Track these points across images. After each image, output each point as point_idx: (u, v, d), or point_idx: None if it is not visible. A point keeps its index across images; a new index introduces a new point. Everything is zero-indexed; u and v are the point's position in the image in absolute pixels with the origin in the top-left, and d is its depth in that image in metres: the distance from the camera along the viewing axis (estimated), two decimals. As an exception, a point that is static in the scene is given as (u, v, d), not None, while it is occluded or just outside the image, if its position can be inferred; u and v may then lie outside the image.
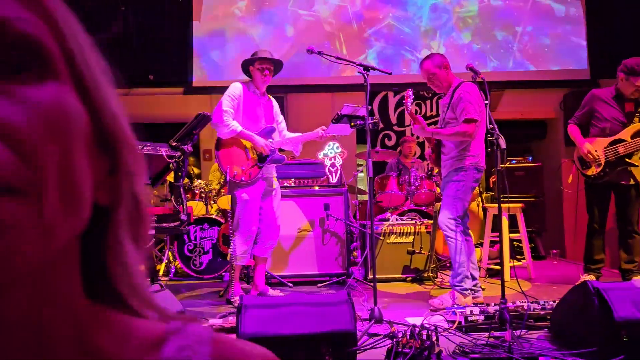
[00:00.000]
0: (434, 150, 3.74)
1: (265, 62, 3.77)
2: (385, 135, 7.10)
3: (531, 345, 2.52)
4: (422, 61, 3.69)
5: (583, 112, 4.11)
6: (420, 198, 5.39)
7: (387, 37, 7.05)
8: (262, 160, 3.77)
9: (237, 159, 3.73)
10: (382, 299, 3.84)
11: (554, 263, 5.87)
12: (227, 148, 3.73)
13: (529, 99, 7.21)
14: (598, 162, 3.91)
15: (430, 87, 3.73)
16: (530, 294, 3.83)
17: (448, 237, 3.48)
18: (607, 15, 7.14)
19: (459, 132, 3.44)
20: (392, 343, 2.32)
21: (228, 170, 3.66)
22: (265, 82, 3.82)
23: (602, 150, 3.92)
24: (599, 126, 4.01)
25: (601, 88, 4.18)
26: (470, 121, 3.40)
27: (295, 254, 4.56)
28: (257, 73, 3.78)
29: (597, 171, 3.93)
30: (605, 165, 3.91)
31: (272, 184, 3.93)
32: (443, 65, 3.59)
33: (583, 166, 4.04)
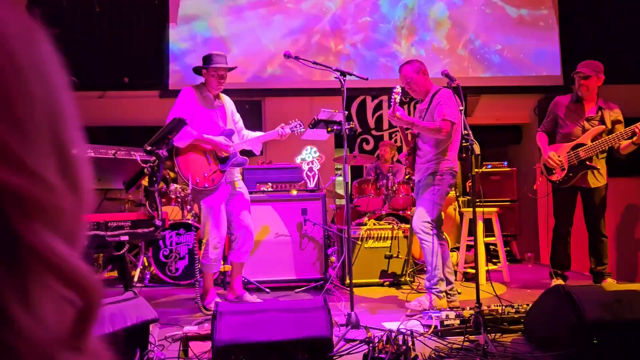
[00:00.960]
0: (410, 152, 3.75)
1: (221, 69, 3.68)
2: (363, 139, 7.13)
3: (505, 348, 2.56)
4: (401, 66, 3.72)
5: (548, 119, 4.27)
6: (397, 202, 5.41)
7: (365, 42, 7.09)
8: (223, 164, 3.69)
9: (198, 165, 3.62)
10: (360, 304, 3.85)
11: (529, 266, 5.96)
12: (186, 155, 3.61)
13: (504, 104, 7.32)
14: (562, 167, 4.01)
15: (408, 93, 3.76)
16: (505, 297, 3.89)
17: (422, 240, 3.51)
18: (579, 23, 7.32)
19: (436, 127, 3.48)
20: (368, 348, 2.32)
21: (190, 178, 3.54)
22: (219, 89, 3.75)
23: (565, 155, 4.03)
24: (562, 132, 4.14)
25: (563, 95, 4.28)
26: (446, 121, 3.46)
27: (273, 259, 4.53)
28: (212, 79, 3.68)
29: (561, 176, 4.04)
30: (569, 170, 4.02)
31: (236, 186, 3.85)
32: (421, 71, 3.64)
33: (548, 172, 4.14)
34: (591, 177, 4.01)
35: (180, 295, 4.47)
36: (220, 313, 2.10)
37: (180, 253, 5.00)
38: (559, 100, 4.21)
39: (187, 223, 5.04)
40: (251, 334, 2.06)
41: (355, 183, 5.60)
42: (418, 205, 3.62)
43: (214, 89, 3.73)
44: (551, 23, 7.27)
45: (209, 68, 3.67)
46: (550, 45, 7.26)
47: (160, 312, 3.69)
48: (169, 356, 2.44)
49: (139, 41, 7.13)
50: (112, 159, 2.84)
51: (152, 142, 3.04)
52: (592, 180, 4.02)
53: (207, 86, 3.75)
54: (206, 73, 3.71)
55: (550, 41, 7.26)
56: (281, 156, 5.41)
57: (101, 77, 7.07)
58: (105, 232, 2.74)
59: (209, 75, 3.69)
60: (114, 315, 2.25)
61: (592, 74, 3.97)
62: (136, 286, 4.96)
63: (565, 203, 4.13)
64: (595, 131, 3.96)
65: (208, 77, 3.70)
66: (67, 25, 7.09)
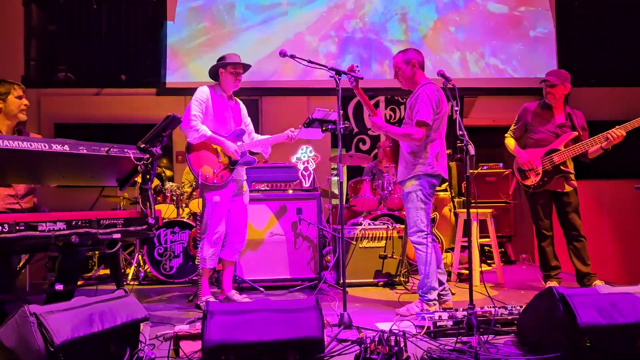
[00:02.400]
0: (392, 145, 3.71)
1: (239, 66, 3.76)
2: (359, 139, 7.12)
3: (498, 350, 2.55)
4: (396, 54, 3.70)
5: (518, 126, 4.34)
6: (393, 202, 5.40)
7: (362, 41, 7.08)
8: (233, 163, 3.74)
9: (208, 161, 3.70)
10: (353, 304, 3.84)
11: (524, 268, 5.96)
12: (198, 151, 3.70)
13: (501, 105, 7.32)
14: (537, 172, 4.08)
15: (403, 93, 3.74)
16: (498, 298, 3.89)
17: (417, 249, 3.48)
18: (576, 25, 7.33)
19: (407, 133, 3.44)
20: (359, 349, 2.31)
21: (199, 173, 3.62)
22: (236, 86, 3.82)
23: (539, 160, 4.10)
24: (535, 137, 4.21)
25: (531, 102, 4.37)
26: (420, 124, 3.38)
27: (267, 259, 4.53)
28: (229, 77, 3.76)
29: (536, 180, 4.12)
30: (543, 175, 4.11)
31: (242, 186, 3.90)
32: (412, 62, 3.55)
33: (522, 177, 4.16)
34: (565, 181, 4.10)
35: (175, 293, 4.45)
36: (210, 312, 2.09)
37: (175, 251, 4.99)
38: (527, 107, 4.30)
39: (182, 221, 5.03)
40: (241, 334, 2.05)
41: (351, 183, 5.59)
42: (406, 214, 3.58)
43: (230, 87, 3.80)
44: (548, 25, 7.27)
45: (227, 65, 3.73)
46: (547, 47, 7.26)
47: (153, 310, 3.69)
48: (159, 355, 2.43)
49: (136, 39, 7.11)
50: (105, 156, 2.81)
51: (146, 139, 3.02)
52: (566, 184, 4.10)
53: (222, 86, 3.81)
54: (223, 72, 3.77)
55: (547, 42, 7.26)
56: (277, 155, 5.38)
57: (98, 74, 7.05)
58: (97, 229, 2.72)
59: (227, 72, 3.75)
60: (104, 314, 2.23)
61: (559, 83, 4.10)
62: (130, 284, 4.95)
63: (543, 207, 4.19)
64: (567, 137, 4.08)
65: (226, 74, 3.76)
66: (64, 22, 7.06)
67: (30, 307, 2.08)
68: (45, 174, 2.89)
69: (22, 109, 3.23)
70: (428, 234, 3.46)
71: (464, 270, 4.88)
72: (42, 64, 7.07)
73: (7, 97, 3.18)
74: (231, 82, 3.77)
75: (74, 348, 2.08)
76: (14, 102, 3.20)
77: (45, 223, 2.53)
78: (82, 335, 2.10)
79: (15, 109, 3.19)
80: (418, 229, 3.46)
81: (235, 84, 3.79)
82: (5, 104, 3.18)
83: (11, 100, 3.19)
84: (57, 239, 2.52)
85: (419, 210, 3.46)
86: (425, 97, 3.41)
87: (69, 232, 2.59)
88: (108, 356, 2.25)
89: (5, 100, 3.18)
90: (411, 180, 3.49)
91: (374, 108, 3.57)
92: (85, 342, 2.12)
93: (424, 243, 3.45)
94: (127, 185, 3.22)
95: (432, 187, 3.51)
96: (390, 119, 7.04)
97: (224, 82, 3.79)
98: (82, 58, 7.03)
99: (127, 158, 2.89)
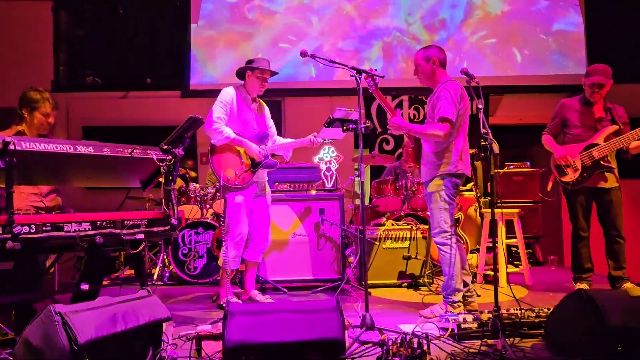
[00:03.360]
0: (414, 145, 3.65)
1: (266, 72, 3.78)
2: (383, 139, 7.07)
3: (524, 354, 2.48)
4: (418, 50, 3.65)
5: (555, 122, 4.21)
6: (417, 203, 5.34)
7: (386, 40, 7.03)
8: (255, 166, 3.75)
9: (230, 163, 3.71)
10: (376, 305, 3.81)
11: (552, 269, 5.82)
12: (221, 153, 3.72)
13: (528, 103, 7.18)
14: (575, 168, 3.93)
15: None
16: (526, 300, 3.79)
17: (441, 250, 3.42)
18: (606, 19, 7.11)
19: (431, 130, 3.38)
20: (381, 351, 2.28)
21: (222, 175, 3.64)
22: (260, 92, 3.85)
23: (578, 155, 3.96)
24: (572, 133, 4.07)
25: (570, 98, 4.23)
26: (443, 120, 3.32)
27: (290, 259, 4.52)
28: (256, 81, 3.78)
29: (574, 177, 3.97)
30: (582, 170, 3.95)
31: (264, 187, 3.91)
32: (432, 59, 3.49)
33: (560, 173, 4.04)
34: (606, 177, 3.94)
35: (199, 294, 4.49)
36: (231, 313, 2.09)
37: (199, 252, 5.03)
38: (566, 103, 4.17)
39: (205, 222, 5.07)
40: (262, 334, 2.04)
41: (374, 183, 5.55)
42: (430, 216, 3.53)
43: (255, 90, 3.82)
44: (577, 20, 7.09)
45: (255, 70, 3.76)
46: (576, 43, 7.08)
47: (177, 310, 3.73)
48: (182, 355, 2.44)
49: (160, 42, 7.22)
50: (128, 157, 2.85)
51: (168, 140, 3.05)
52: (607, 180, 3.94)
53: (247, 88, 3.83)
54: (250, 74, 3.79)
55: (576, 38, 7.08)
56: (299, 156, 5.38)
57: (124, 78, 7.18)
58: (121, 230, 2.75)
59: (254, 76, 3.77)
60: (127, 314, 2.25)
61: (607, 83, 3.95)
62: (155, 284, 5.01)
63: (582, 205, 4.04)
64: (608, 131, 3.92)
65: (252, 78, 3.78)
66: (92, 27, 7.21)
67: (56, 307, 2.12)
68: (70, 176, 2.95)
69: (45, 127, 3.28)
70: (452, 234, 3.40)
71: (490, 271, 4.79)
72: (70, 69, 7.24)
73: (34, 112, 3.24)
74: (257, 86, 3.80)
75: (97, 347, 2.11)
76: (39, 119, 3.25)
77: (71, 224, 2.57)
78: (105, 334, 2.13)
79: (37, 125, 3.25)
80: (441, 229, 3.41)
81: (261, 89, 3.82)
82: (31, 117, 3.25)
83: (37, 116, 3.24)
84: (82, 239, 2.56)
85: (442, 210, 3.40)
86: (446, 94, 3.36)
87: (94, 232, 2.62)
88: (131, 355, 2.27)
89: (31, 113, 3.24)
90: (434, 180, 3.44)
91: (395, 109, 3.52)
92: (108, 341, 2.15)
93: (447, 244, 3.39)
94: (150, 187, 3.26)
95: (456, 187, 3.45)
96: (414, 119, 6.97)
97: (249, 84, 3.81)
98: (109, 62, 7.17)
99: (150, 159, 2.92)
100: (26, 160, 2.49)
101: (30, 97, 3.25)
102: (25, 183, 3.10)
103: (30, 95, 3.26)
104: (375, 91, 3.41)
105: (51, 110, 3.28)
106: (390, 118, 3.53)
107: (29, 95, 3.26)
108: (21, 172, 2.57)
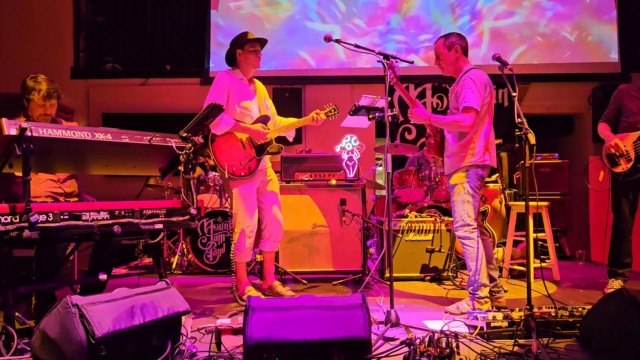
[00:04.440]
0: (437, 137, 3.51)
1: (256, 43, 3.58)
2: (405, 129, 6.91)
3: (559, 355, 2.35)
4: (437, 38, 3.49)
5: (611, 109, 3.97)
6: (440, 194, 5.20)
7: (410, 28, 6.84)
8: (260, 153, 3.61)
9: (233, 153, 3.54)
10: (399, 299, 3.70)
11: (580, 264, 5.63)
12: (222, 143, 3.53)
13: (555, 92, 6.94)
14: (628, 157, 3.70)
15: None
16: (556, 297, 3.64)
17: (464, 244, 3.29)
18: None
19: (455, 120, 3.24)
20: (409, 351, 2.18)
21: (226, 167, 3.48)
22: (257, 65, 3.64)
23: (632, 144, 3.73)
24: (628, 120, 3.82)
25: (628, 83, 3.96)
26: (468, 110, 3.18)
27: (310, 250, 4.43)
28: (249, 56, 3.59)
29: (627, 167, 3.73)
30: (636, 161, 3.70)
31: (269, 174, 3.77)
32: (454, 47, 3.36)
33: (612, 163, 3.83)
34: None
35: (217, 284, 4.44)
36: (252, 308, 2.00)
37: (218, 241, 4.98)
38: (623, 88, 3.92)
39: (225, 211, 5.00)
40: (284, 331, 1.95)
41: (396, 173, 5.41)
42: (452, 208, 3.39)
43: (251, 67, 3.64)
44: (609, 5, 6.80)
45: (244, 45, 3.58)
46: (608, 30, 6.79)
47: (196, 301, 3.67)
48: (201, 349, 2.37)
49: (180, 29, 7.14)
50: (147, 145, 2.77)
51: (187, 128, 2.96)
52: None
53: (242, 69, 3.65)
54: (241, 52, 3.61)
55: (607, 25, 6.79)
56: (320, 144, 5.27)
57: (144, 64, 7.12)
58: (140, 219, 2.68)
59: (246, 52, 3.59)
60: (145, 307, 2.18)
61: None
62: (174, 273, 4.98)
63: (629, 197, 3.83)
64: None
65: (245, 55, 3.60)
66: (112, 14, 7.16)
67: (73, 298, 2.05)
68: (88, 163, 2.88)
69: (43, 119, 3.11)
70: (475, 228, 3.27)
71: (517, 266, 4.64)
72: (90, 55, 7.20)
73: (30, 103, 3.09)
74: (252, 61, 3.60)
75: (115, 340, 2.05)
76: (36, 110, 3.10)
77: (89, 212, 2.51)
78: (123, 328, 2.06)
79: (36, 115, 3.11)
80: (464, 223, 3.28)
81: (256, 62, 3.62)
82: (29, 106, 3.12)
83: (32, 107, 3.10)
84: (100, 228, 2.50)
85: (465, 203, 3.27)
86: (471, 83, 3.22)
87: (112, 221, 2.56)
88: (149, 349, 2.20)
89: (28, 103, 3.10)
90: (458, 172, 3.31)
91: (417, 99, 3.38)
92: (126, 334, 2.08)
93: (470, 238, 3.26)
94: (169, 175, 3.19)
95: (481, 179, 3.31)
96: (437, 108, 6.79)
97: (243, 64, 3.62)
98: (128, 49, 7.12)
99: (169, 147, 2.84)
100: (43, 147, 2.43)
101: (25, 86, 3.09)
102: (41, 171, 3.04)
103: (25, 84, 3.10)
104: (395, 82, 3.28)
105: (43, 102, 3.08)
106: (412, 109, 3.39)
107: (25, 84, 3.10)
108: (38, 160, 2.51)
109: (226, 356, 2.25)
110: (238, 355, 2.24)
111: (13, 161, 2.45)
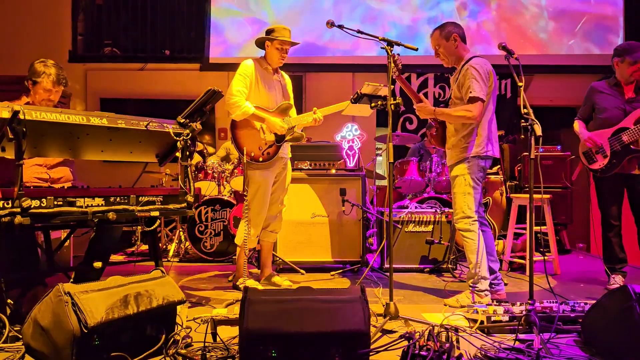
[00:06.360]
0: (438, 128, 3.45)
1: (287, 43, 3.59)
2: (406, 118, 6.83)
3: (560, 351, 2.31)
4: (432, 31, 3.41)
5: (585, 107, 3.97)
6: (441, 185, 5.15)
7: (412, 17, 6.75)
8: (279, 140, 3.58)
9: (253, 138, 3.54)
10: (398, 291, 3.66)
11: (580, 258, 5.60)
12: (243, 128, 3.55)
13: (558, 84, 6.88)
14: (604, 154, 3.68)
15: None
16: (556, 291, 3.60)
17: (464, 237, 3.24)
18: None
19: (462, 112, 3.18)
20: (408, 344, 2.13)
21: (245, 151, 3.47)
22: (280, 63, 3.66)
23: (606, 141, 3.71)
24: (601, 117, 3.81)
25: (598, 81, 3.96)
26: (474, 100, 3.12)
27: (309, 240, 4.38)
28: (275, 52, 3.60)
29: (603, 163, 3.73)
30: (612, 157, 3.69)
31: (286, 165, 3.75)
32: (452, 36, 3.28)
33: (589, 161, 3.81)
34: (637, 163, 3.68)
35: (214, 272, 4.39)
36: (249, 300, 1.95)
37: (216, 229, 4.93)
38: (594, 86, 3.91)
39: (223, 199, 4.95)
40: (282, 324, 1.90)
41: (397, 164, 5.35)
42: (453, 200, 3.34)
43: (276, 62, 3.64)
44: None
45: (274, 40, 3.57)
46: (611, 21, 6.70)
47: (192, 289, 3.63)
48: (196, 339, 2.32)
49: (180, 14, 7.04)
50: (144, 130, 2.70)
51: (185, 114, 2.90)
52: (639, 166, 3.68)
53: (267, 59, 3.65)
54: (270, 45, 3.60)
55: (612, 17, 6.70)
56: (320, 133, 5.20)
57: (143, 49, 7.02)
58: (135, 206, 2.62)
59: (273, 47, 3.59)
60: (140, 295, 2.14)
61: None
62: (171, 261, 4.93)
63: (612, 193, 3.81)
64: (638, 113, 3.63)
65: (272, 49, 3.60)
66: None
67: (65, 286, 2.00)
68: (83, 148, 2.82)
69: (46, 103, 3.10)
70: (475, 220, 3.22)
71: (518, 259, 4.60)
72: (88, 39, 7.11)
73: (36, 85, 3.08)
74: (276, 57, 3.62)
75: (108, 330, 2.00)
76: (40, 93, 3.09)
77: (83, 199, 2.45)
78: (116, 317, 2.02)
79: (39, 100, 3.10)
80: (464, 215, 3.23)
81: (281, 60, 3.64)
82: (34, 89, 3.10)
83: (38, 90, 3.09)
84: (94, 215, 2.45)
85: (466, 195, 3.22)
86: (474, 72, 3.15)
87: (107, 208, 2.51)
88: (143, 339, 2.16)
89: (34, 86, 3.09)
90: (460, 164, 3.25)
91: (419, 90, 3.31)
92: (120, 324, 2.04)
93: (471, 230, 3.21)
94: (166, 161, 3.13)
95: (483, 170, 3.26)
96: (439, 97, 6.72)
97: (269, 55, 3.63)
98: (127, 33, 7.03)
99: (167, 133, 2.78)
100: (36, 131, 2.36)
101: (34, 69, 3.09)
102: (35, 155, 2.97)
103: (34, 67, 3.10)
104: (398, 77, 3.20)
105: (52, 87, 3.10)
106: (417, 103, 3.32)
107: (33, 67, 3.10)
108: (31, 143, 2.44)
109: (222, 347, 2.21)
110: (234, 347, 2.19)
111: (5, 145, 2.38)
